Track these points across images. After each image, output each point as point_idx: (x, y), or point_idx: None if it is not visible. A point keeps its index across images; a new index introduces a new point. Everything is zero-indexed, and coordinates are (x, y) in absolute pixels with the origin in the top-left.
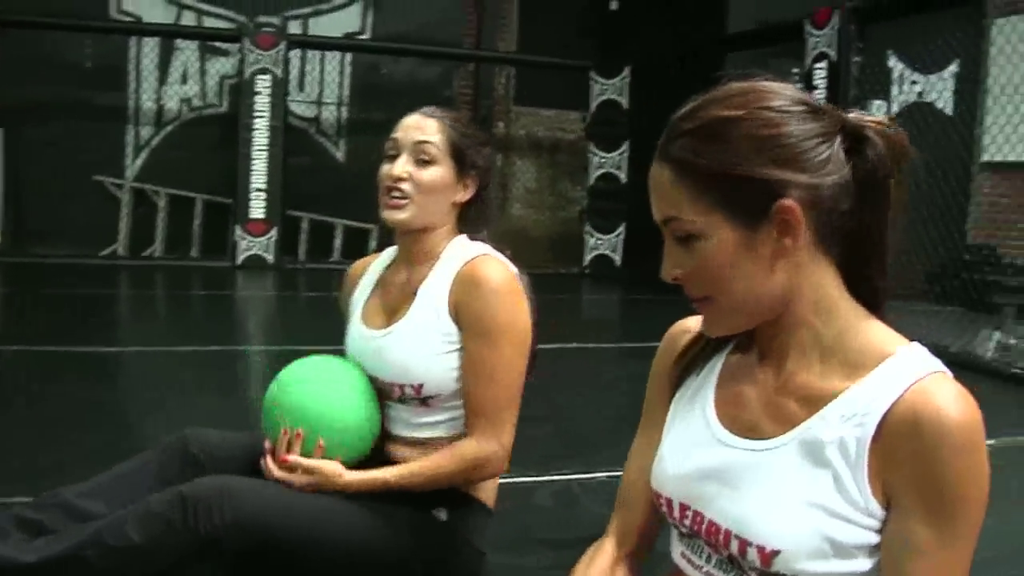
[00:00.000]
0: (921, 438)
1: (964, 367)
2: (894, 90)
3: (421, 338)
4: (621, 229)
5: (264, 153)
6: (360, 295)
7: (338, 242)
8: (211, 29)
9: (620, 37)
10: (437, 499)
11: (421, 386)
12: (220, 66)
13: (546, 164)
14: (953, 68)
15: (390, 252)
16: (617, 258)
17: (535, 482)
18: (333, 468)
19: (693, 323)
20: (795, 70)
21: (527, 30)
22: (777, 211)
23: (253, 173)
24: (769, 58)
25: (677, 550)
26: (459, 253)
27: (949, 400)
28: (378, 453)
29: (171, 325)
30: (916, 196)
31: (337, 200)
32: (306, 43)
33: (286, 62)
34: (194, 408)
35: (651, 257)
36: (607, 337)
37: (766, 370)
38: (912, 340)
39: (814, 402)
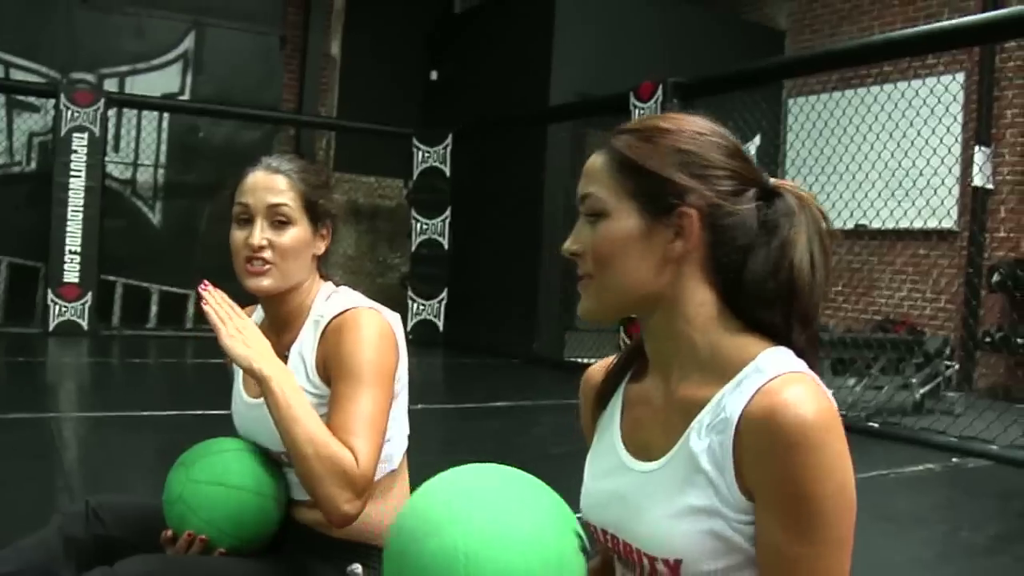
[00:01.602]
0: (765, 436)
1: None
2: None
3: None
4: (444, 295)
5: (79, 214)
6: None
7: (154, 308)
8: (24, 83)
9: (442, 105)
10: (349, 555)
11: None
12: (30, 122)
13: (366, 231)
14: (756, 141)
15: (260, 311)
16: (440, 323)
17: None
18: None
19: (597, 368)
20: None
21: (348, 96)
22: (678, 214)
23: (68, 235)
24: (589, 129)
25: (618, 572)
26: (326, 309)
27: (794, 398)
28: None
29: None
30: None
31: (153, 265)
32: (126, 101)
33: (104, 120)
34: (11, 478)
35: (473, 322)
36: (437, 399)
37: (657, 389)
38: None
39: (690, 413)
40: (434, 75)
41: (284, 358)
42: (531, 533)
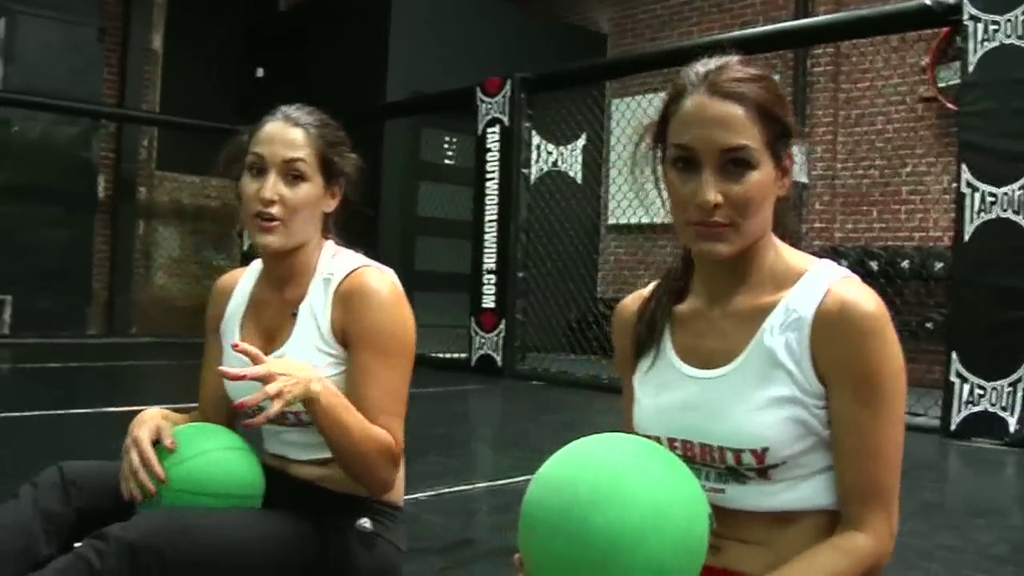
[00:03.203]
0: (841, 327)
1: None
2: (534, 159)
3: (308, 362)
4: None
5: None
6: (233, 315)
7: None
8: None
9: (269, 103)
10: (357, 510)
11: None
12: None
13: (189, 231)
14: (581, 141)
15: (255, 268)
16: None
17: None
18: None
19: (630, 299)
20: (446, 138)
21: (171, 92)
22: (787, 155)
23: None
24: (423, 127)
25: None
26: (334, 266)
27: (859, 296)
28: (279, 476)
29: None
30: (554, 256)
31: None
32: None
33: None
34: None
35: None
36: None
37: (711, 308)
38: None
39: (756, 319)
40: (260, 72)
41: (292, 315)
42: (687, 522)
